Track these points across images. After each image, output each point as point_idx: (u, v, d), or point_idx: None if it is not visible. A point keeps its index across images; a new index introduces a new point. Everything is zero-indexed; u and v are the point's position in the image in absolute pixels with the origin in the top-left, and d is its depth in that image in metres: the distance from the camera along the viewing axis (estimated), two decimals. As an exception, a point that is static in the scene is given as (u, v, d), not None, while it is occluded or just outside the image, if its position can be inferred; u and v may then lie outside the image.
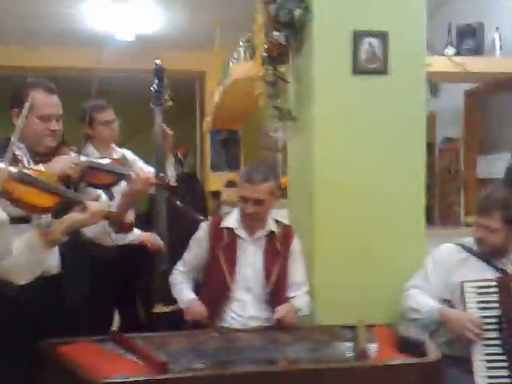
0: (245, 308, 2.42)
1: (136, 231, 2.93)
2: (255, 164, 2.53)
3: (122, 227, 1.99)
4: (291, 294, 2.49)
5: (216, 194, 6.96)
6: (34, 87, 2.13)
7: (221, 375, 1.64)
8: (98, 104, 3.08)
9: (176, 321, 2.62)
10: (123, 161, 2.18)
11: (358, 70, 2.70)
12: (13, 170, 1.72)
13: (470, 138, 4.90)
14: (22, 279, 1.82)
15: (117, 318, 3.21)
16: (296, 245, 2.54)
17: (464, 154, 4.97)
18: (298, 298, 2.48)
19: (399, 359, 1.81)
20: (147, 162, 3.24)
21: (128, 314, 3.07)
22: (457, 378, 2.15)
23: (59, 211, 1.84)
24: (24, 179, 1.73)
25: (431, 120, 4.76)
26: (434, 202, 5.29)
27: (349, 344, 1.98)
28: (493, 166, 4.40)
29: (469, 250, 2.40)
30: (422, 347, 1.89)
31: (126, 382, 1.56)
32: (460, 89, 4.80)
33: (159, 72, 3.16)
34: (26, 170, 1.81)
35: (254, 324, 2.38)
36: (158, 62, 3.18)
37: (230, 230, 2.47)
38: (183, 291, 2.50)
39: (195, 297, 2.48)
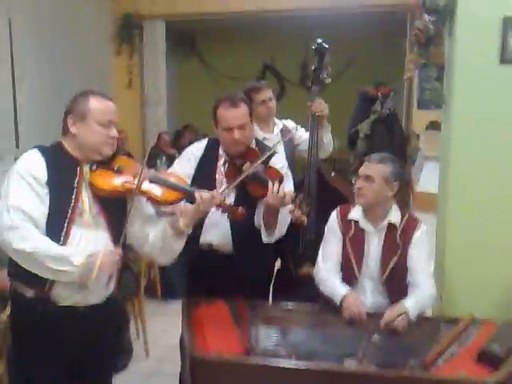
0: (365, 295, 2.57)
1: None
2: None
3: (235, 216, 2.26)
4: (412, 280, 2.50)
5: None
6: (221, 102, 2.51)
7: (284, 367, 1.95)
8: (255, 85, 3.35)
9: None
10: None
11: (506, 58, 2.56)
12: (148, 174, 2.16)
13: None
14: (161, 261, 2.29)
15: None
16: (420, 235, 2.54)
17: None
18: (416, 295, 2.45)
19: (451, 376, 1.91)
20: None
21: (283, 270, 3.45)
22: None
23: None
24: (153, 180, 2.15)
25: None
26: None
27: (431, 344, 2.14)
28: None
29: None
30: (498, 363, 1.95)
31: (214, 361, 1.97)
32: None
33: (321, 51, 3.32)
34: (157, 173, 2.23)
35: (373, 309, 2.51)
36: (319, 40, 3.33)
37: (356, 221, 2.61)
38: (336, 287, 2.50)
39: (349, 291, 2.47)
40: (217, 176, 2.59)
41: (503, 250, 2.65)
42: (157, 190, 2.15)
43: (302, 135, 3.49)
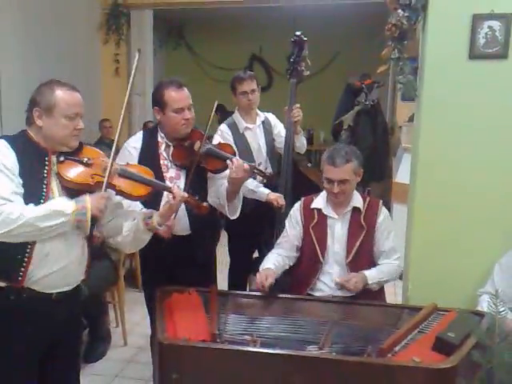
0: (332, 279, 2.68)
1: (265, 190, 3.32)
2: (337, 147, 2.69)
3: (199, 209, 2.36)
4: (380, 262, 2.71)
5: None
6: (167, 86, 2.57)
7: (247, 352, 2.02)
8: (240, 75, 3.41)
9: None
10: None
11: (475, 54, 2.61)
12: (117, 167, 2.19)
13: None
14: (129, 250, 2.44)
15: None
16: (383, 218, 2.71)
17: None
18: (381, 266, 2.68)
19: (403, 361, 1.96)
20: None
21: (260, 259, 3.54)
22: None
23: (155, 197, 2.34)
24: (122, 174, 2.19)
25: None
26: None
27: (392, 332, 2.19)
28: None
29: None
30: (452, 350, 2.00)
31: (181, 346, 2.02)
32: None
33: (299, 43, 3.37)
34: (125, 167, 2.26)
35: (339, 293, 2.65)
36: (298, 32, 3.38)
37: (319, 210, 2.72)
38: (264, 265, 2.67)
39: (270, 267, 2.62)
40: (161, 162, 2.65)
41: (468, 242, 2.71)
42: (126, 184, 2.19)
43: (280, 131, 3.55)
